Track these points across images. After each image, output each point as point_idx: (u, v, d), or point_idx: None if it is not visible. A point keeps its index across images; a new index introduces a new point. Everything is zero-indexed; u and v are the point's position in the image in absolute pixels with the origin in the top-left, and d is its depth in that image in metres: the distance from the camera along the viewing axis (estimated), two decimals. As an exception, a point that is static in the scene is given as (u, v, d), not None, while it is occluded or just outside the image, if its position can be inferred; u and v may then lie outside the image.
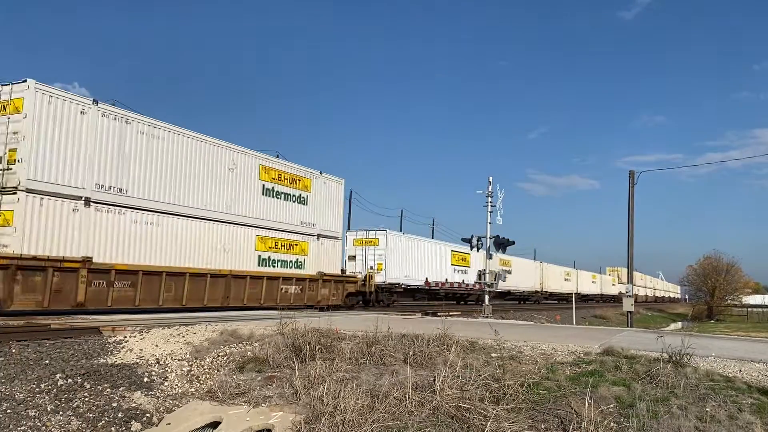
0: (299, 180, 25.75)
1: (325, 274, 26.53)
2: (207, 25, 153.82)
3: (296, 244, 25.29)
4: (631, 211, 32.36)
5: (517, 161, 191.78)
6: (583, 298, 69.30)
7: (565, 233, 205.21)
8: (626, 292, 32.13)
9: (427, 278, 37.43)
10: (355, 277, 29.89)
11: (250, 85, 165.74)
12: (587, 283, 75.51)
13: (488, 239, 28.12)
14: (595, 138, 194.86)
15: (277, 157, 24.75)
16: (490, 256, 29.69)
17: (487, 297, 28.90)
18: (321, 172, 27.16)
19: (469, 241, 28.72)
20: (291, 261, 24.89)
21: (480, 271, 30.12)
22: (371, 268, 32.20)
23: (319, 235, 26.53)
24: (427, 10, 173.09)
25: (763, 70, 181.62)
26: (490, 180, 28.21)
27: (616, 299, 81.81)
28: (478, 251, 30.10)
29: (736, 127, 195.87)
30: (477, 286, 40.86)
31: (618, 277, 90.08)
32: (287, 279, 24.31)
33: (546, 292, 59.53)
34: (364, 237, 33.94)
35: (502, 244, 28.38)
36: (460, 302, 42.97)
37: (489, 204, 28.06)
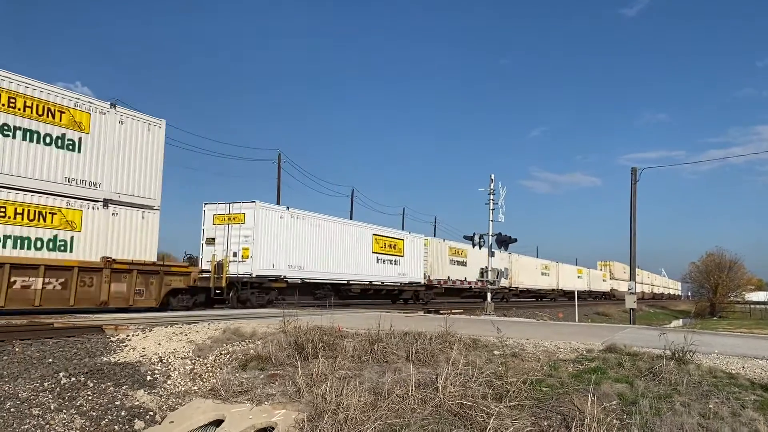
0: (61, 112, 16.42)
1: (117, 261, 17.30)
2: (207, 25, 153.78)
3: (54, 213, 16.16)
4: (633, 208, 32.33)
5: (520, 159, 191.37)
6: (567, 295, 62.16)
7: (568, 230, 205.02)
8: (629, 289, 32.13)
9: (332, 271, 27.84)
10: (185, 267, 20.19)
11: (250, 84, 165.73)
12: (571, 278, 65.59)
13: (490, 237, 28.12)
14: (598, 135, 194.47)
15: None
16: (492, 254, 29.67)
17: (489, 295, 28.90)
18: (114, 104, 17.96)
19: (471, 238, 28.72)
20: (41, 239, 15.86)
21: (482, 268, 30.10)
22: (235, 254, 23.09)
23: (108, 201, 17.47)
24: (426, 9, 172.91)
25: (765, 66, 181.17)
26: (492, 178, 28.23)
27: (607, 296, 75.89)
28: (480, 249, 29.96)
29: (739, 123, 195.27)
30: (410, 279, 34.54)
31: (610, 271, 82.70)
32: (28, 267, 15.09)
33: (516, 288, 50.48)
34: (227, 212, 23.86)
35: (504, 242, 28.40)
36: (397, 300, 34.63)
37: (491, 202, 28.06)
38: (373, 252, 31.13)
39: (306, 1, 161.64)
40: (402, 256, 33.72)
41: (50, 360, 9.69)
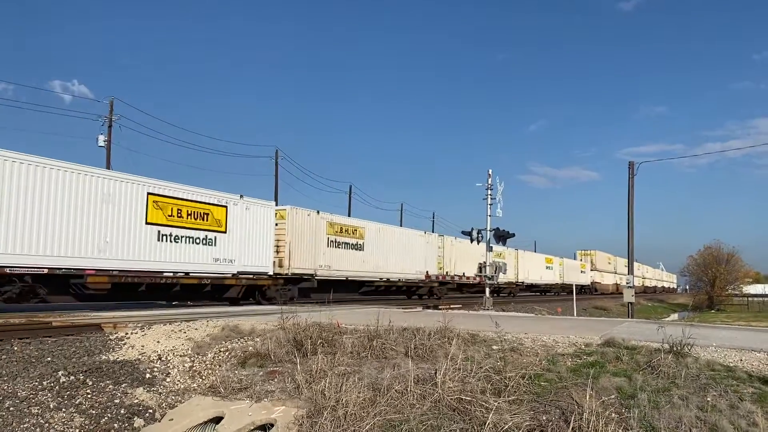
0: None
1: None
2: (205, 24, 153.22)
3: None
4: (631, 202, 32.38)
5: (518, 154, 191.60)
6: (532, 289, 54.72)
7: (567, 225, 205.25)
8: (627, 283, 32.20)
9: (39, 252, 15.62)
10: None
11: (249, 81, 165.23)
12: (537, 268, 54.15)
13: (488, 232, 28.11)
14: (596, 129, 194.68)
15: None
16: (490, 249, 29.66)
17: (488, 290, 28.91)
18: None
19: (469, 233, 28.69)
20: None
21: (480, 263, 30.06)
22: None
23: None
24: (423, 4, 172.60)
25: (762, 59, 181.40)
26: (490, 172, 28.17)
27: (587, 289, 66.62)
28: (478, 244, 29.83)
29: (737, 117, 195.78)
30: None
31: (591, 262, 72.21)
32: None
33: (452, 280, 38.76)
34: None
35: (502, 237, 28.37)
36: (238, 302, 22.68)
37: (489, 196, 28.04)
38: (151, 223, 18.73)
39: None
40: (223, 233, 21.07)
41: (49, 359, 9.68)
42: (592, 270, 70.81)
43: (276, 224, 23.92)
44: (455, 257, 39.32)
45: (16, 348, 9.84)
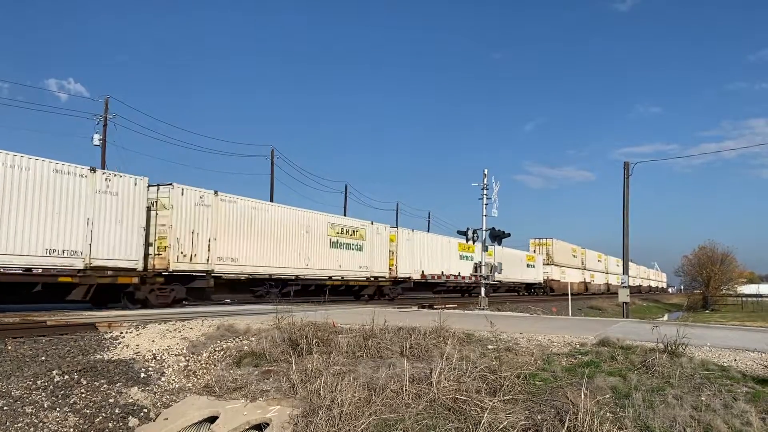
0: None
1: None
2: (203, 21, 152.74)
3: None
4: (626, 202, 32.46)
5: (514, 153, 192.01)
6: (430, 287, 36.66)
7: (563, 224, 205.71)
8: (621, 282, 32.29)
9: None
10: None
11: (247, 79, 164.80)
12: (444, 259, 37.53)
13: (484, 231, 28.13)
14: (591, 129, 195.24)
15: None
16: (485, 248, 29.66)
17: (483, 289, 28.92)
18: None
19: (464, 233, 28.71)
20: None
21: (476, 263, 30.04)
22: None
23: None
24: (419, 4, 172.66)
25: (757, 60, 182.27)
26: (486, 172, 28.19)
27: (537, 288, 54.04)
28: (474, 243, 29.82)
29: (731, 117, 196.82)
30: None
31: (547, 254, 57.26)
32: None
33: (205, 273, 20.72)
34: None
35: (497, 236, 28.40)
36: None
37: (484, 196, 28.06)
38: None
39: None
40: None
41: (43, 358, 9.64)
42: (547, 264, 56.67)
43: None
44: (213, 228, 21.04)
45: (10, 347, 9.79)
